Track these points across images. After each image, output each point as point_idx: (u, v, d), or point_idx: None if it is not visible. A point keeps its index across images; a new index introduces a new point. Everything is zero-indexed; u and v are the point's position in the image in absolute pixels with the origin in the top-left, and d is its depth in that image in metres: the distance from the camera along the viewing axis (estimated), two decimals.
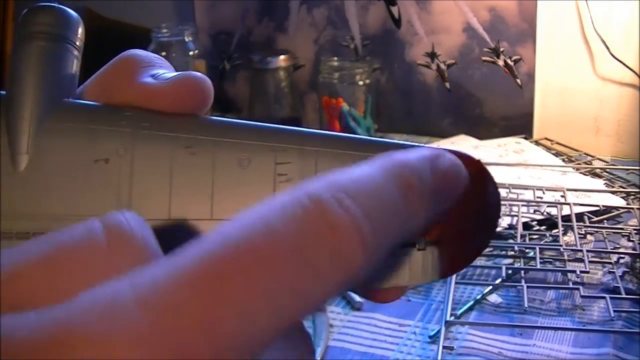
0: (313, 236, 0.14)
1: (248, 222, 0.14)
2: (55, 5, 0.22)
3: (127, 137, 0.20)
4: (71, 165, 0.20)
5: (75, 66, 0.22)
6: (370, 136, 1.14)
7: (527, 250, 0.75)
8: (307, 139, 0.21)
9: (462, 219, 0.20)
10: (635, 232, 0.78)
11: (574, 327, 0.64)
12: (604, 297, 0.65)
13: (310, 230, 0.14)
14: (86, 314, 0.13)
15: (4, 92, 0.20)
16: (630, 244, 0.77)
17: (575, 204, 0.84)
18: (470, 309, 0.67)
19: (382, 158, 0.17)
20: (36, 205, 0.19)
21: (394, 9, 1.20)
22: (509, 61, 1.14)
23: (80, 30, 0.22)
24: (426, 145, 0.21)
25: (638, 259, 0.71)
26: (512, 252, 0.75)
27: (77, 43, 0.22)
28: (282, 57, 1.19)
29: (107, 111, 0.21)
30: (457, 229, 0.20)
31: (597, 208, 0.85)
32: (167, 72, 0.21)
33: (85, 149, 0.20)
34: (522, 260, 0.74)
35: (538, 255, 0.72)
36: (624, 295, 0.66)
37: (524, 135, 1.13)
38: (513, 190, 0.89)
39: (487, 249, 0.76)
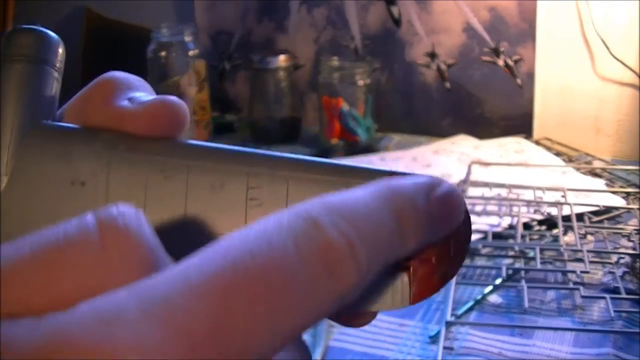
0: (310, 256, 0.15)
1: (249, 238, 0.15)
2: (36, 27, 0.22)
3: (103, 159, 0.20)
4: (48, 187, 0.20)
5: (54, 88, 0.22)
6: (370, 137, 1.14)
7: (527, 250, 0.75)
8: (280, 164, 0.21)
9: (435, 245, 0.20)
10: (635, 232, 0.78)
11: (574, 327, 0.64)
12: (604, 297, 0.65)
13: (307, 250, 0.15)
14: (89, 326, 0.13)
15: None
16: (630, 244, 0.77)
17: (575, 204, 0.84)
18: (471, 309, 0.67)
19: (376, 183, 0.17)
20: (14, 226, 0.20)
21: (394, 9, 1.20)
22: (509, 61, 1.14)
23: (60, 52, 0.22)
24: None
25: (638, 259, 0.71)
26: (513, 252, 0.75)
27: (57, 65, 0.22)
28: (282, 57, 1.19)
29: (83, 134, 0.21)
30: (430, 254, 0.20)
31: (597, 208, 0.85)
32: (144, 94, 0.22)
33: (62, 171, 0.20)
34: (522, 260, 0.74)
35: (538, 255, 0.72)
36: (624, 295, 0.66)
37: (524, 135, 1.13)
38: (513, 190, 0.88)
39: (487, 249, 0.76)
